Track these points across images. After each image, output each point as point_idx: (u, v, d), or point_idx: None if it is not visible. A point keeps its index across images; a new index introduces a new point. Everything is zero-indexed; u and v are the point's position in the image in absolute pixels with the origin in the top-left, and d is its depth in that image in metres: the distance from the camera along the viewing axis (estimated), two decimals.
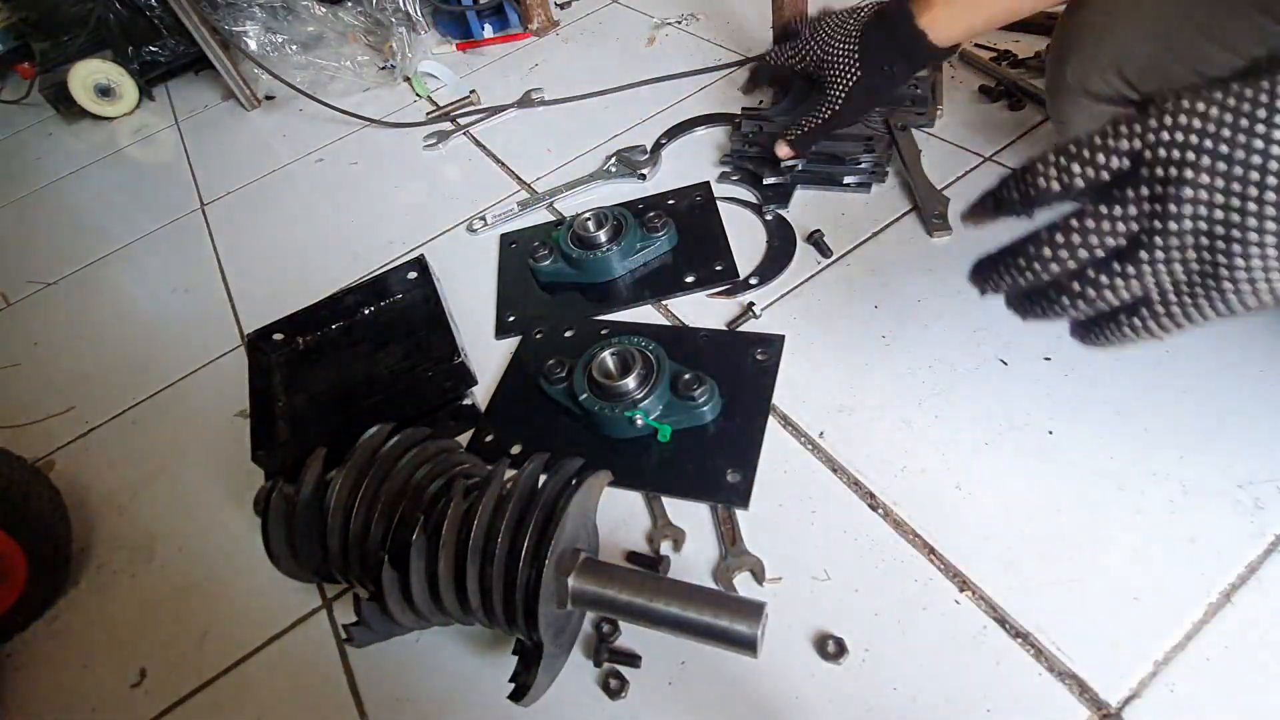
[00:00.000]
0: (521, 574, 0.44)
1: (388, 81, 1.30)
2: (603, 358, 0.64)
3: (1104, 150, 0.35)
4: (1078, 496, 0.52)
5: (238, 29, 1.27)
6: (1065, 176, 0.37)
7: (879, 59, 0.69)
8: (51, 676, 0.62)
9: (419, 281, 0.82)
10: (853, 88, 0.71)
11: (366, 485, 0.51)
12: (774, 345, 0.67)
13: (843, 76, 0.70)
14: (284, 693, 0.56)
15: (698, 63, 1.10)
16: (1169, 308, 0.36)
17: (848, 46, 0.70)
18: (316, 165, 1.17)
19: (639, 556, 0.56)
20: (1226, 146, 0.33)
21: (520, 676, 0.46)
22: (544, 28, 1.31)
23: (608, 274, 0.78)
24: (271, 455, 0.65)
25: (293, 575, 0.57)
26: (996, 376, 0.60)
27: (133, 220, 1.18)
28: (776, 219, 0.79)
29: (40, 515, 0.66)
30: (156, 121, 1.47)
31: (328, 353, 0.79)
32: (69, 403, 0.87)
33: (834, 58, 0.71)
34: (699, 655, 0.50)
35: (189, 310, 0.96)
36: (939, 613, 0.49)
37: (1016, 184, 0.38)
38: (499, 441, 0.67)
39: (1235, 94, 0.33)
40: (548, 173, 0.98)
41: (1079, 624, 0.46)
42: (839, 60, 0.70)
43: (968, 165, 0.80)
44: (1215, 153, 0.33)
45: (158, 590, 0.66)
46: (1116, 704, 0.43)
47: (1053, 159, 0.37)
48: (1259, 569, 0.47)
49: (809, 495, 0.57)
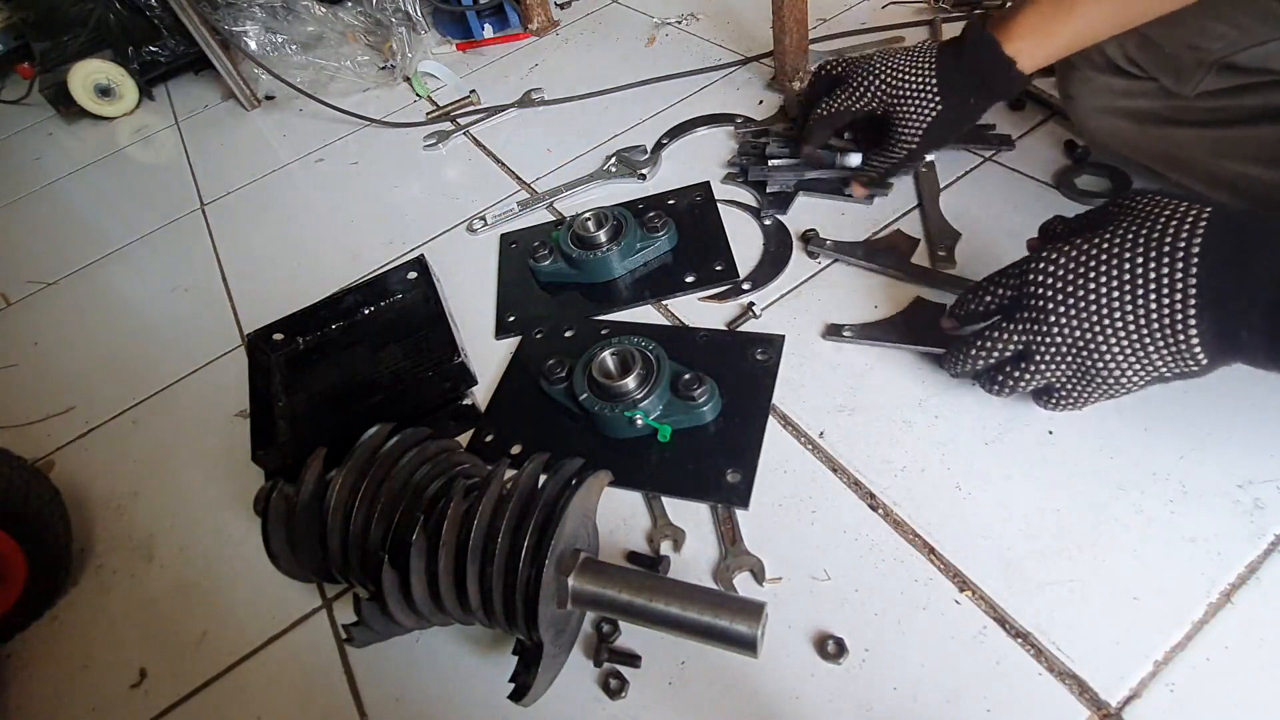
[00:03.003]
0: (521, 574, 0.44)
1: (388, 81, 1.30)
2: (603, 358, 0.64)
3: (1000, 286, 0.52)
4: (1078, 496, 0.52)
5: (238, 29, 1.26)
6: (978, 305, 0.54)
7: (960, 91, 0.65)
8: (51, 676, 0.62)
9: (419, 281, 0.82)
10: (931, 123, 0.67)
11: (366, 485, 0.51)
12: (774, 345, 0.67)
13: (919, 111, 0.67)
14: (284, 693, 0.56)
15: (698, 63, 1.10)
16: (1065, 394, 0.51)
17: (923, 80, 0.66)
18: (316, 165, 1.17)
19: (639, 556, 0.56)
20: (1077, 288, 0.46)
21: (520, 676, 0.46)
22: (544, 28, 1.31)
23: (608, 274, 0.78)
24: (271, 455, 0.65)
25: (293, 575, 0.57)
26: None
27: (132, 220, 1.18)
28: (775, 224, 0.79)
29: (40, 515, 0.66)
30: (156, 121, 1.47)
31: (328, 353, 0.79)
32: (69, 403, 0.87)
33: (907, 93, 0.67)
34: (699, 655, 0.50)
35: (189, 310, 0.96)
36: (939, 613, 0.49)
37: (958, 307, 0.56)
38: (499, 441, 0.67)
39: (1078, 248, 0.47)
40: (548, 173, 0.98)
41: (1079, 624, 0.46)
42: (914, 95, 0.67)
43: (968, 165, 0.80)
44: (1069, 292, 0.47)
45: (157, 590, 0.66)
46: (1116, 704, 0.43)
47: (973, 294, 0.54)
48: (1259, 569, 0.47)
49: (809, 495, 0.57)
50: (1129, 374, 0.47)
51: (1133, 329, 0.45)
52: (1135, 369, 0.46)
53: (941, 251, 0.70)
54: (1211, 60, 0.58)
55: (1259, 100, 0.58)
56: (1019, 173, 0.77)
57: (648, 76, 1.10)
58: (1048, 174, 0.76)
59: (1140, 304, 0.44)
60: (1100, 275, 0.45)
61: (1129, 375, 0.47)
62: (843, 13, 1.13)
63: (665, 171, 0.92)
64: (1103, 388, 0.49)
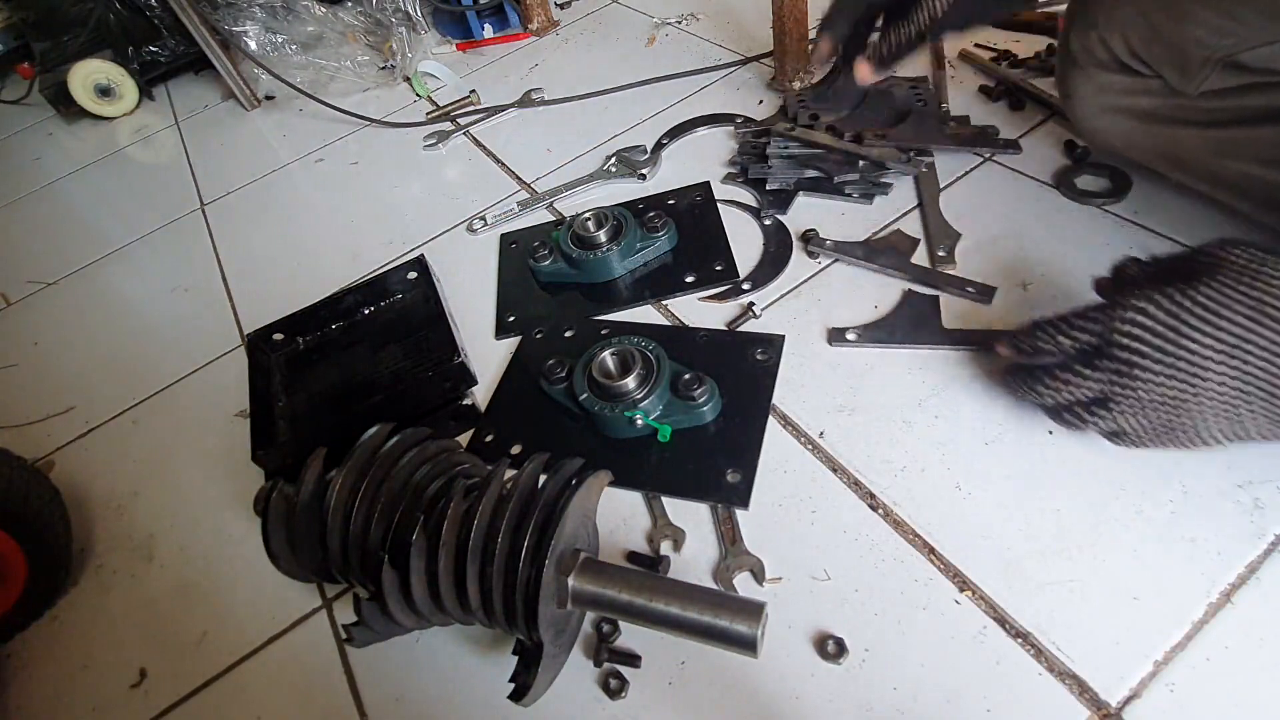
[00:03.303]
0: (521, 574, 0.44)
1: (388, 81, 1.30)
2: (603, 358, 0.64)
3: (1079, 330, 0.49)
4: (1078, 496, 0.52)
5: (238, 29, 1.27)
6: (1050, 344, 0.51)
7: None
8: (51, 676, 0.62)
9: (419, 281, 0.82)
10: None
11: (366, 485, 0.51)
12: (774, 345, 0.67)
13: None
14: (284, 693, 0.56)
15: (698, 63, 1.10)
16: (1138, 439, 0.50)
17: None
18: (316, 165, 1.17)
19: (639, 556, 0.56)
20: (1173, 348, 0.44)
21: (520, 676, 0.46)
22: (544, 28, 1.32)
23: (608, 274, 0.78)
24: (271, 455, 0.65)
25: (293, 575, 0.57)
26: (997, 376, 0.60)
27: (132, 220, 1.18)
28: (775, 223, 0.79)
29: (40, 515, 0.66)
30: (156, 121, 1.47)
31: (328, 353, 0.79)
32: (69, 403, 0.87)
33: None
34: (699, 655, 0.50)
35: (189, 310, 0.96)
36: (939, 613, 0.49)
37: (1023, 342, 0.52)
38: (499, 441, 0.67)
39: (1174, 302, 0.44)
40: (548, 173, 0.98)
41: (1079, 624, 0.46)
42: None
43: (968, 165, 0.80)
44: (1164, 350, 0.44)
45: (157, 590, 0.66)
46: (1116, 704, 0.43)
47: (1045, 332, 0.51)
48: (1259, 569, 0.47)
49: (809, 495, 0.57)
50: (1215, 434, 0.46)
51: (1232, 394, 0.43)
52: (1224, 430, 0.46)
53: (941, 251, 0.70)
54: (1218, 58, 0.58)
55: (1263, 100, 0.58)
56: (1019, 173, 0.77)
57: (648, 76, 1.10)
58: (1048, 174, 0.76)
59: (1243, 371, 0.42)
60: (1200, 336, 0.43)
61: (1215, 435, 0.46)
62: None
63: (665, 171, 0.92)
64: (1182, 441, 0.48)
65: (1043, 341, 0.51)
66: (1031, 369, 0.52)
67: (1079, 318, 0.49)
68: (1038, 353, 0.52)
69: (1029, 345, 0.52)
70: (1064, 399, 0.51)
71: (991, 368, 0.60)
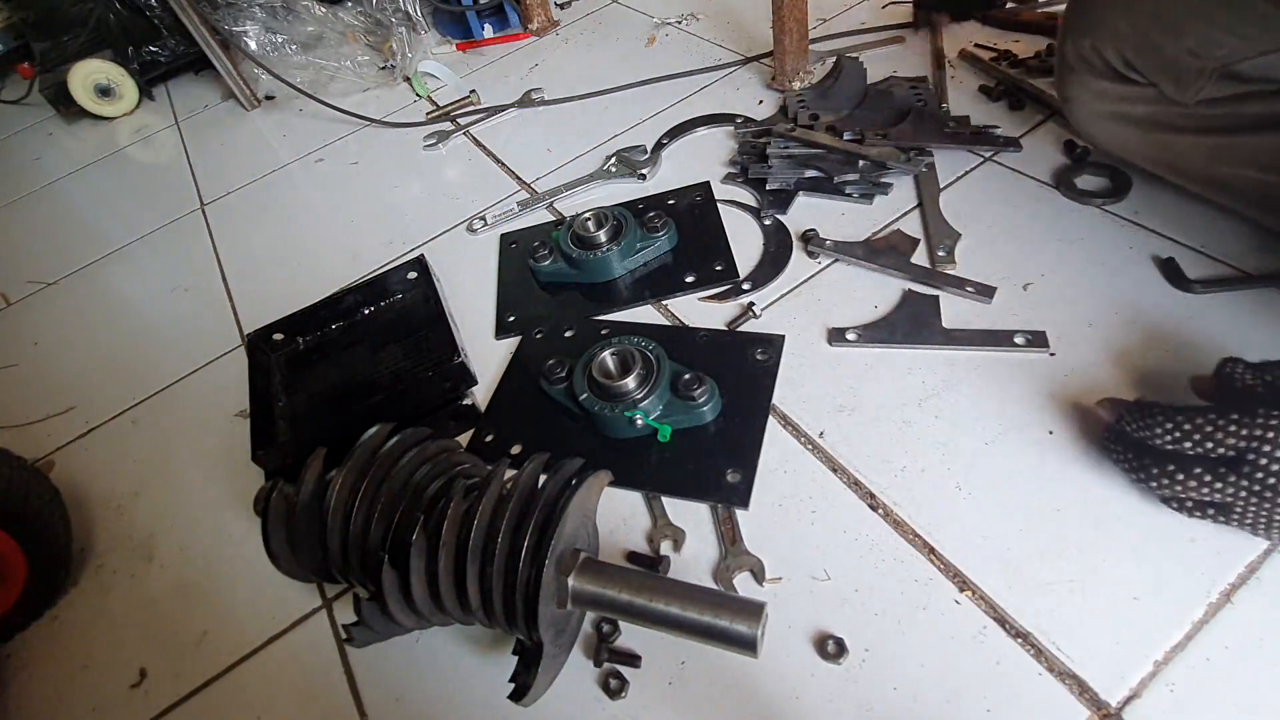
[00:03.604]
0: (521, 574, 0.44)
1: (388, 81, 1.30)
2: (603, 358, 0.64)
3: (1212, 439, 0.45)
4: (1078, 496, 0.52)
5: (238, 29, 1.27)
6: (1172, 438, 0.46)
7: None
8: (51, 676, 0.62)
9: (419, 281, 0.82)
10: None
11: (366, 485, 0.51)
12: (774, 345, 0.67)
13: None
14: (284, 693, 0.56)
15: (698, 63, 1.10)
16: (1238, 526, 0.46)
17: None
18: (316, 165, 1.17)
19: (639, 556, 0.56)
20: None
21: (520, 676, 0.46)
22: (544, 28, 1.32)
23: (608, 274, 0.78)
24: (271, 455, 0.65)
25: (293, 575, 0.57)
26: (996, 376, 0.60)
27: (132, 220, 1.18)
28: (775, 223, 0.79)
29: (40, 515, 0.66)
30: (156, 121, 1.47)
31: (328, 353, 0.79)
32: (69, 403, 0.87)
33: None
34: (699, 655, 0.50)
35: (189, 310, 0.96)
36: (939, 613, 0.49)
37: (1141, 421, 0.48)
38: (499, 441, 0.67)
39: None
40: (548, 173, 0.98)
41: (1079, 624, 0.46)
42: None
43: (968, 165, 0.80)
44: None
45: (157, 590, 0.66)
46: (1116, 704, 0.43)
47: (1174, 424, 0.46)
48: (1259, 569, 0.47)
49: (809, 495, 0.57)
50: None
51: None
52: None
53: (941, 251, 0.70)
54: (1213, 68, 0.58)
55: (1261, 108, 0.58)
56: (1019, 173, 0.77)
57: (648, 76, 1.10)
58: (1047, 174, 0.76)
59: None
60: None
61: None
62: (843, 13, 1.13)
63: (665, 171, 0.92)
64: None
65: (1161, 431, 0.47)
66: (1140, 447, 0.49)
67: (1213, 423, 0.45)
68: (1154, 438, 0.48)
69: (1144, 428, 0.48)
70: (1180, 495, 0.48)
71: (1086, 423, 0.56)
